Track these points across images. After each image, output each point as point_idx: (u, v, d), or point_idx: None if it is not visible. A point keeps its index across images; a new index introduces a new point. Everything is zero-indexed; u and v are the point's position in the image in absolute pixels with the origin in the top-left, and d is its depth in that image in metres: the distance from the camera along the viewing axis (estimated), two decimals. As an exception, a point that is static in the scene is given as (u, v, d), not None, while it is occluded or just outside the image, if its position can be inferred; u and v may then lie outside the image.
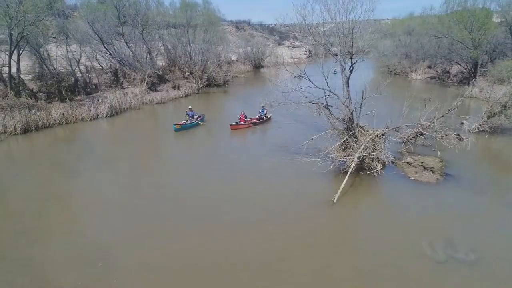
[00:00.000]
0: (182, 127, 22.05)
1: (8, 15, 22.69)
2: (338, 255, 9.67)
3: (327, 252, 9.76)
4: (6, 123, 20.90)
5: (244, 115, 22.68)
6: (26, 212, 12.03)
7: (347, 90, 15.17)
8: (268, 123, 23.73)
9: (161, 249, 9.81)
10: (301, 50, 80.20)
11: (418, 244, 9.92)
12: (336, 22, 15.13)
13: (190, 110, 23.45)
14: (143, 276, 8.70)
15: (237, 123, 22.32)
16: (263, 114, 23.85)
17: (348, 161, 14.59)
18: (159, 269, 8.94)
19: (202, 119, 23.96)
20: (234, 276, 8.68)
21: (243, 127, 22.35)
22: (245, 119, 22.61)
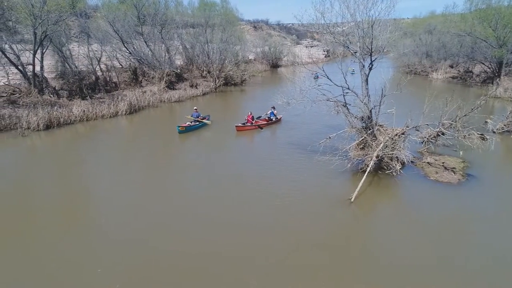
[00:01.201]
0: (186, 129, 21.28)
1: (33, 14, 23.34)
2: (354, 254, 9.50)
3: (343, 251, 9.61)
4: (30, 120, 21.49)
5: (252, 116, 22.01)
6: (45, 205, 12.36)
7: (366, 88, 14.92)
8: (278, 125, 22.99)
9: (172, 248, 9.71)
10: (319, 49, 79.66)
11: (437, 247, 9.66)
12: (356, 19, 14.91)
13: (195, 111, 22.74)
14: (149, 274, 8.70)
15: (244, 124, 21.59)
16: (272, 115, 23.12)
17: (366, 160, 14.37)
18: (167, 268, 8.85)
19: (208, 119, 23.20)
20: (247, 277, 8.57)
21: (249, 128, 21.55)
22: (252, 120, 21.92)
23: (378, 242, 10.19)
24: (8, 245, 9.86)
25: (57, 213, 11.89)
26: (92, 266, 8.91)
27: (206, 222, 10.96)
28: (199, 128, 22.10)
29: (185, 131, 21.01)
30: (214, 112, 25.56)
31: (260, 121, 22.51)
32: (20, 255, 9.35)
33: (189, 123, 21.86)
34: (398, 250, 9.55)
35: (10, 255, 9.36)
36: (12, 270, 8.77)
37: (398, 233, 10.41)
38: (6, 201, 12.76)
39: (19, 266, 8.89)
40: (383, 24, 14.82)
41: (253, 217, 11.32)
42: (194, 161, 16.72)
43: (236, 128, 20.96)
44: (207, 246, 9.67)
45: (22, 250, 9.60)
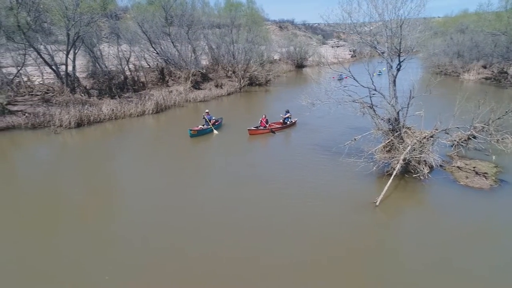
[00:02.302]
0: (198, 132, 20.61)
1: (66, 16, 24.24)
2: (377, 259, 9.30)
3: (367, 256, 9.42)
4: (62, 118, 22.34)
5: (266, 119, 21.42)
6: (71, 199, 12.86)
7: (393, 89, 14.58)
8: (292, 128, 22.38)
9: (190, 251, 9.72)
10: (345, 49, 78.59)
11: (466, 256, 9.32)
12: (384, 19, 14.59)
13: (207, 114, 21.95)
14: (158, 276, 8.76)
15: (257, 127, 21.00)
16: (287, 119, 22.48)
17: (392, 163, 14.05)
18: (179, 272, 8.85)
19: (219, 124, 22.50)
20: (268, 282, 8.51)
21: (262, 132, 20.92)
22: (266, 124, 21.31)
23: (404, 247, 9.94)
24: (30, 233, 10.30)
25: (80, 207, 12.31)
26: (102, 262, 9.15)
27: (225, 225, 10.95)
28: (211, 132, 21.41)
29: (197, 134, 20.47)
30: (236, 113, 25.66)
31: (274, 125, 21.92)
32: (43, 244, 9.74)
33: (201, 127, 21.28)
34: (424, 257, 9.28)
35: (31, 243, 9.78)
36: (30, 258, 9.16)
37: (425, 240, 10.10)
38: (38, 193, 13.41)
39: (39, 255, 9.27)
40: (412, 23, 14.45)
41: (273, 220, 11.22)
42: (214, 163, 16.81)
43: (249, 132, 20.42)
44: (225, 250, 9.63)
45: (44, 239, 10.01)
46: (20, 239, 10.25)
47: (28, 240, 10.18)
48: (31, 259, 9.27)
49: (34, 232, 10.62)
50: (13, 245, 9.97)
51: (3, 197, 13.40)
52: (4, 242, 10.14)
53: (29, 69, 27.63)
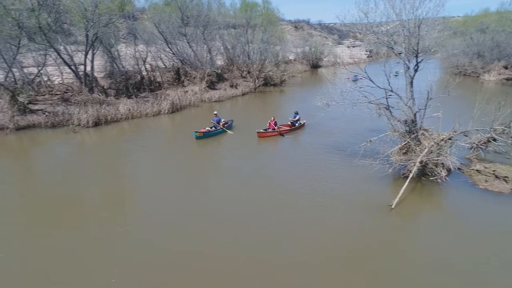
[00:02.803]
0: (204, 134, 20.08)
1: (85, 17, 24.72)
2: (392, 264, 9.16)
3: (381, 260, 9.29)
4: (80, 117, 22.82)
5: (275, 121, 20.87)
6: (87, 196, 13.19)
7: (410, 90, 14.35)
8: (301, 130, 21.89)
9: (203, 252, 9.72)
10: (361, 49, 77.75)
11: (484, 262, 9.08)
12: (401, 19, 14.37)
13: (216, 116, 21.43)
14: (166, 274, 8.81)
15: (266, 130, 20.52)
16: (295, 121, 21.97)
17: (409, 165, 13.82)
18: (190, 273, 8.86)
19: (229, 126, 21.94)
20: (279, 283, 8.46)
21: (271, 134, 20.47)
22: (275, 126, 20.77)
23: (419, 252, 9.76)
24: (43, 229, 10.56)
25: (94, 205, 12.62)
26: (109, 262, 9.29)
27: (235, 226, 10.93)
28: (219, 134, 20.93)
29: (202, 137, 19.97)
30: (249, 113, 25.62)
31: (283, 127, 21.43)
32: (53, 240, 9.97)
33: (208, 129, 20.73)
34: (440, 262, 9.09)
35: (43, 238, 10.02)
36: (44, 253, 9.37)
37: (442, 245, 9.89)
38: (56, 190, 13.75)
39: (46, 252, 9.48)
40: (431, 23, 14.18)
41: (285, 221, 11.15)
42: (225, 164, 16.77)
43: (258, 135, 19.94)
44: (235, 251, 9.62)
45: (55, 235, 10.24)
46: (32, 234, 10.51)
47: (41, 235, 10.44)
48: (39, 256, 9.49)
49: (46, 228, 10.90)
50: (24, 240, 10.23)
51: (22, 193, 13.85)
52: (18, 236, 10.42)
53: (49, 69, 28.32)
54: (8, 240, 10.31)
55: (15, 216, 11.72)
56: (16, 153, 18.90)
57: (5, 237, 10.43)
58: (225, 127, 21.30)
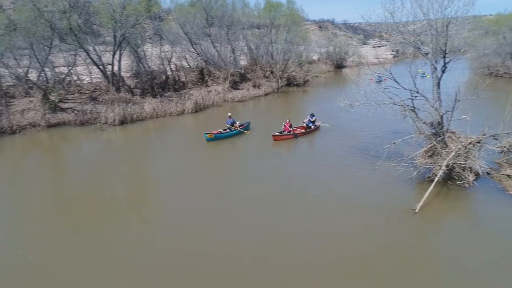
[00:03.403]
0: (215, 136, 19.55)
1: (114, 19, 25.46)
2: (414, 270, 8.93)
3: (403, 265, 9.10)
4: (107, 115, 23.53)
5: (290, 123, 20.17)
6: (112, 192, 13.52)
7: (437, 91, 13.96)
8: (316, 133, 21.19)
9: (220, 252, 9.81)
10: (387, 49, 76.21)
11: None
12: (429, 19, 14.01)
13: (229, 118, 20.85)
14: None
15: (281, 133, 19.87)
16: (310, 123, 21.31)
17: (434, 168, 13.43)
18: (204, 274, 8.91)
19: (246, 128, 21.39)
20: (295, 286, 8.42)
21: (287, 137, 19.84)
22: (290, 128, 20.09)
23: (444, 258, 9.47)
24: (73, 223, 10.95)
25: (115, 201, 13.01)
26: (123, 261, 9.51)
27: (254, 227, 10.90)
28: (233, 136, 20.37)
29: (213, 139, 19.42)
30: (269, 114, 25.47)
31: (298, 129, 20.86)
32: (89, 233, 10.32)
33: (221, 130, 20.31)
34: (465, 270, 8.82)
35: (73, 231, 10.40)
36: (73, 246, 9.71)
37: (468, 251, 9.59)
38: (80, 186, 14.28)
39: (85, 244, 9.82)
40: (460, 22, 13.75)
41: (305, 224, 11.02)
42: (243, 165, 16.82)
43: (273, 138, 19.33)
44: (255, 251, 9.59)
45: (75, 229, 10.59)
46: (51, 229, 10.95)
47: (58, 230, 10.85)
48: (52, 251, 9.82)
49: (64, 223, 11.30)
50: (43, 235, 10.66)
51: (50, 187, 14.49)
52: (40, 228, 10.87)
53: (79, 68, 29.33)
54: (27, 235, 10.76)
55: (39, 210, 12.26)
56: (47, 149, 19.73)
57: (25, 231, 10.90)
58: (241, 129, 20.79)
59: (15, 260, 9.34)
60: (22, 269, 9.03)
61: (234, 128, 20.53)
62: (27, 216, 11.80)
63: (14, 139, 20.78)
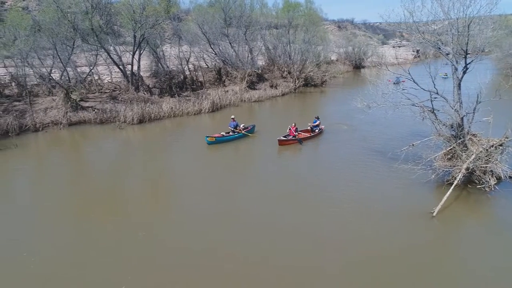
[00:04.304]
0: (217, 139, 19.05)
1: (134, 19, 25.93)
2: (431, 274, 8.72)
3: (419, 269, 8.90)
4: (126, 114, 23.98)
5: (295, 127, 19.47)
6: (129, 188, 13.84)
7: (458, 93, 13.60)
8: (319, 138, 20.45)
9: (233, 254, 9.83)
10: (408, 49, 74.81)
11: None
12: (450, 18, 13.66)
13: (233, 120, 20.36)
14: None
15: (286, 137, 19.10)
16: (315, 127, 20.64)
17: (454, 171, 13.10)
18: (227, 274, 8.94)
19: (250, 131, 20.73)
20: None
21: (293, 142, 19.06)
22: (296, 133, 19.40)
23: (462, 264, 9.27)
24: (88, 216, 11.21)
25: (133, 198, 13.29)
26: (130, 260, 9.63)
27: (267, 230, 10.76)
28: (237, 139, 19.87)
29: (215, 142, 18.96)
30: (288, 114, 25.31)
31: (302, 133, 20.08)
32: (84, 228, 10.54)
33: (223, 133, 19.86)
34: (485, 278, 8.56)
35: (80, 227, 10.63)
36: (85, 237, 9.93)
37: (487, 258, 9.31)
38: (99, 183, 14.68)
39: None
40: (483, 22, 13.37)
41: (319, 227, 10.88)
42: (255, 167, 16.73)
43: (279, 142, 18.50)
44: (266, 254, 9.51)
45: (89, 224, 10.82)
46: (67, 224, 11.23)
47: (73, 225, 11.11)
48: (63, 244, 10.09)
49: (79, 218, 11.56)
50: (59, 229, 10.95)
51: (68, 184, 14.88)
52: (57, 223, 11.17)
53: (100, 68, 30.01)
54: (44, 229, 11.09)
55: (57, 205, 12.60)
56: (68, 147, 20.29)
57: (41, 225, 11.23)
58: (245, 132, 20.22)
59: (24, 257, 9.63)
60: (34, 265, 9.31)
61: (238, 131, 20.03)
62: (44, 211, 12.20)
63: (37, 137, 21.44)
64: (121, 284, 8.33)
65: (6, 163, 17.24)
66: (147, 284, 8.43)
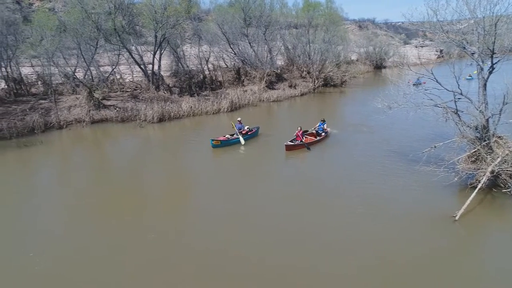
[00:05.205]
0: (222, 143, 18.48)
1: (155, 19, 26.36)
2: (452, 280, 8.49)
3: (440, 275, 8.66)
4: (147, 113, 24.40)
5: (302, 131, 18.78)
6: (148, 185, 14.09)
7: (483, 93, 13.17)
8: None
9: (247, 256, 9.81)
10: (431, 49, 73.11)
11: None
12: (476, 17, 13.25)
13: (239, 123, 19.72)
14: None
15: (292, 141, 18.21)
16: (321, 130, 19.86)
17: (478, 175, 12.68)
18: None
19: (254, 133, 20.10)
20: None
21: (300, 147, 18.18)
22: (302, 137, 18.65)
23: (484, 271, 8.96)
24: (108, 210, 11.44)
25: (150, 196, 13.48)
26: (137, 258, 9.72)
27: (281, 234, 10.55)
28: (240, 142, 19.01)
29: (220, 145, 18.31)
30: (306, 114, 25.13)
31: (307, 137, 19.25)
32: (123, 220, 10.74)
33: (228, 136, 19.25)
34: (509, 286, 8.27)
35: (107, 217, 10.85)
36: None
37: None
38: (119, 179, 15.08)
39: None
40: (511, 20, 12.90)
41: (338, 231, 10.68)
42: (269, 168, 16.47)
43: (286, 147, 17.53)
44: (282, 259, 9.29)
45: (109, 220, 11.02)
46: (82, 220, 11.49)
47: (89, 222, 11.38)
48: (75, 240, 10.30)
49: (96, 216, 11.84)
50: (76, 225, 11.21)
51: (90, 180, 15.28)
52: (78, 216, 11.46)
53: (122, 68, 30.69)
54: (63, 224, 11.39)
55: (73, 202, 12.87)
56: (90, 144, 20.82)
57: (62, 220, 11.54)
58: (246, 135, 19.38)
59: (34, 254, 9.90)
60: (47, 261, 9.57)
61: (238, 134, 19.21)
62: (60, 207, 12.59)
63: (61, 134, 22.09)
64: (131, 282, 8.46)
65: (31, 159, 17.88)
66: (157, 283, 8.50)
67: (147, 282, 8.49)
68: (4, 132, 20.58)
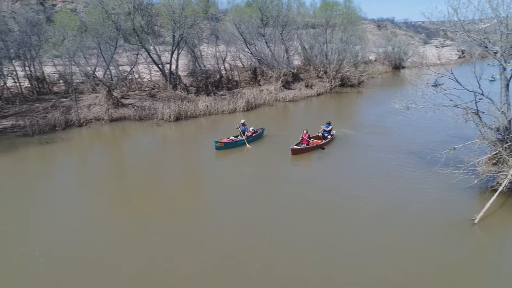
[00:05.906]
0: (226, 145, 18.20)
1: (173, 19, 26.69)
2: (470, 284, 8.32)
3: (458, 279, 8.50)
4: (164, 112, 24.73)
5: (308, 134, 18.19)
6: (164, 182, 14.33)
7: (505, 94, 12.81)
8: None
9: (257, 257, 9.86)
10: (451, 49, 71.40)
11: None
12: (499, 16, 12.88)
13: (243, 125, 19.36)
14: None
15: (298, 145, 17.80)
16: (326, 132, 19.42)
17: (499, 177, 12.33)
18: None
19: (259, 135, 19.91)
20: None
21: (308, 150, 17.72)
22: (309, 140, 18.10)
23: (503, 275, 8.72)
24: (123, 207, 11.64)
25: (165, 194, 13.65)
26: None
27: (296, 236, 10.50)
28: (250, 143, 18.88)
29: (224, 147, 18.08)
30: (322, 114, 25.00)
31: (314, 141, 18.55)
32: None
33: (232, 138, 19.01)
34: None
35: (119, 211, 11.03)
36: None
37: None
38: (136, 177, 15.27)
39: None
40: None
41: (352, 232, 10.60)
42: (280, 170, 16.38)
43: (292, 152, 16.99)
44: (292, 267, 9.07)
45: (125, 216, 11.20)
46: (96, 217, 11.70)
47: (103, 219, 11.58)
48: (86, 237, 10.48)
49: (111, 212, 12.06)
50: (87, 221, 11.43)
51: (106, 177, 15.62)
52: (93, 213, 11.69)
53: (140, 67, 31.19)
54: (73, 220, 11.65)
55: (87, 200, 13.23)
56: (108, 142, 21.26)
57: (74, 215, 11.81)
58: (250, 138, 19.22)
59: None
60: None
61: (244, 137, 18.93)
62: (74, 205, 12.85)
63: (81, 131, 22.61)
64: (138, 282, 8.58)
65: (52, 155, 18.39)
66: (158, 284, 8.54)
67: (151, 283, 8.55)
68: (27, 129, 21.20)
